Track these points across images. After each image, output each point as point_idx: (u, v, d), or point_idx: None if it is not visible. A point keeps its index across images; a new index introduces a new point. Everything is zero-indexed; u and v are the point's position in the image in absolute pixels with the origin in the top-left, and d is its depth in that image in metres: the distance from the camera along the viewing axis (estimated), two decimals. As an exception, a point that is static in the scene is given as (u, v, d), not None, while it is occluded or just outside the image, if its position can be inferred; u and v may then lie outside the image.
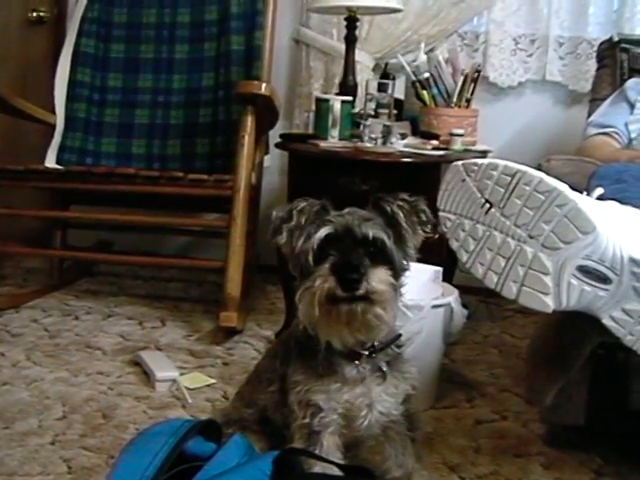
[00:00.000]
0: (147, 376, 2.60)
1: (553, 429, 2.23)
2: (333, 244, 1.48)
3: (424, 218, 1.58)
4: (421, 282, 2.39)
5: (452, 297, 2.43)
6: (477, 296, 3.26)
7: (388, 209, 1.55)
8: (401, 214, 1.55)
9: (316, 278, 1.45)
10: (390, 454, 1.71)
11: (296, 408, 1.60)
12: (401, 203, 1.56)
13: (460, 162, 1.70)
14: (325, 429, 1.59)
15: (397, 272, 1.53)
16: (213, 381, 2.60)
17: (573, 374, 1.95)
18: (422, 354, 2.27)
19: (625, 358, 1.92)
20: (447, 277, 2.61)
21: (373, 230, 1.50)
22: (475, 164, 1.66)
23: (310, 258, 1.49)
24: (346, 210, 1.55)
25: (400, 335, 1.67)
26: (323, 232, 1.49)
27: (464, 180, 1.67)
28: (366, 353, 1.59)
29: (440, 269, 2.52)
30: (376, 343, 1.60)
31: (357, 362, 1.60)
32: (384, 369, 1.62)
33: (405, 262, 1.57)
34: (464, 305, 2.49)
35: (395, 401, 1.64)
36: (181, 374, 2.59)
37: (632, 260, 1.51)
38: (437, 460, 2.09)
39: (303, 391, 1.59)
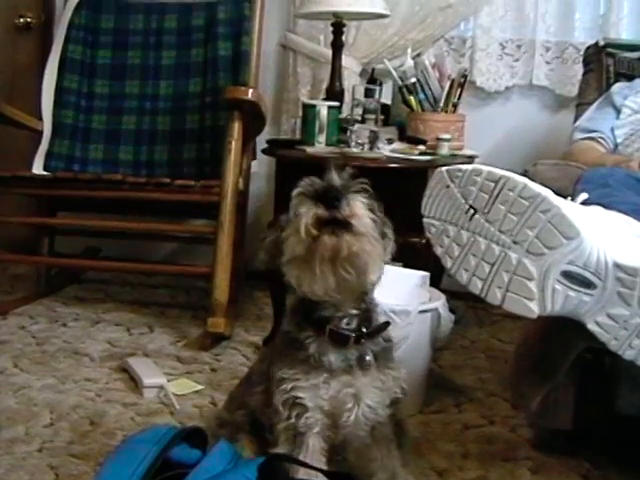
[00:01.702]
0: (135, 383, 2.60)
1: (541, 434, 2.23)
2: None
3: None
4: (408, 287, 2.40)
5: (439, 302, 2.43)
6: (465, 301, 3.26)
7: None
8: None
9: (300, 212, 1.48)
10: (376, 457, 1.69)
11: (281, 408, 1.59)
12: None
13: (444, 168, 1.70)
14: (310, 430, 1.59)
15: (377, 226, 1.54)
16: (201, 387, 2.60)
17: (559, 379, 1.96)
18: (410, 359, 2.27)
19: (612, 362, 1.92)
20: (434, 282, 2.61)
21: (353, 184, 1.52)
22: (459, 170, 1.66)
23: (293, 210, 1.51)
24: None
25: (389, 323, 1.67)
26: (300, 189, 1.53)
27: (448, 186, 1.68)
28: (353, 335, 1.59)
29: (427, 274, 2.52)
30: (364, 329, 1.60)
31: (345, 346, 1.59)
32: (369, 358, 1.61)
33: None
34: (451, 310, 2.49)
35: (382, 395, 1.63)
36: (169, 380, 2.59)
37: (616, 265, 1.51)
38: (425, 465, 2.09)
39: (288, 388, 1.58)
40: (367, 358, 1.61)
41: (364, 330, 1.61)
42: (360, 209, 1.48)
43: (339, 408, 1.60)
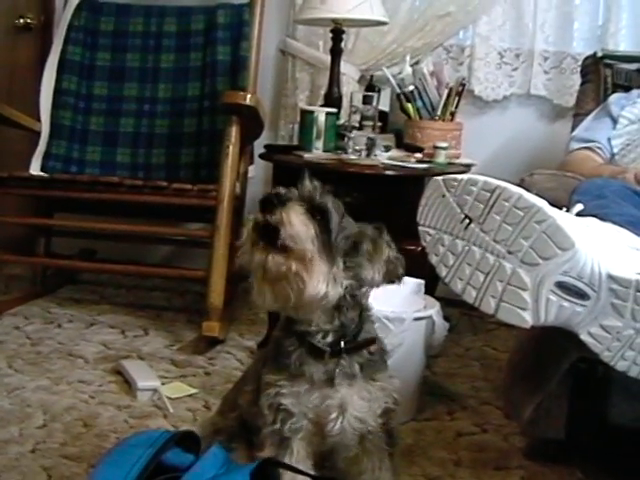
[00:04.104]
0: (129, 385, 2.60)
1: (533, 443, 2.23)
2: None
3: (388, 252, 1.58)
4: (403, 294, 2.40)
5: (434, 309, 2.44)
6: (459, 308, 3.25)
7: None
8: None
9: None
10: (366, 467, 1.68)
11: (266, 411, 1.60)
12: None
13: (440, 177, 1.71)
14: (295, 435, 1.59)
15: (332, 250, 1.50)
16: (195, 391, 2.60)
17: (553, 388, 1.96)
18: (403, 366, 2.27)
19: (605, 372, 1.92)
20: (429, 289, 2.61)
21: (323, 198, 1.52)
22: (455, 179, 1.67)
23: None
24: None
25: (374, 339, 1.65)
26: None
27: (444, 195, 1.68)
28: (328, 350, 1.58)
29: (422, 281, 2.52)
30: (342, 344, 1.59)
31: (322, 359, 1.58)
32: (353, 372, 1.60)
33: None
34: (446, 317, 2.49)
35: (370, 407, 1.62)
36: (163, 383, 2.59)
37: (610, 277, 1.52)
38: (417, 472, 2.09)
39: (273, 394, 1.59)
40: (352, 370, 1.60)
41: (342, 345, 1.60)
42: (294, 217, 1.46)
43: (323, 417, 1.60)
